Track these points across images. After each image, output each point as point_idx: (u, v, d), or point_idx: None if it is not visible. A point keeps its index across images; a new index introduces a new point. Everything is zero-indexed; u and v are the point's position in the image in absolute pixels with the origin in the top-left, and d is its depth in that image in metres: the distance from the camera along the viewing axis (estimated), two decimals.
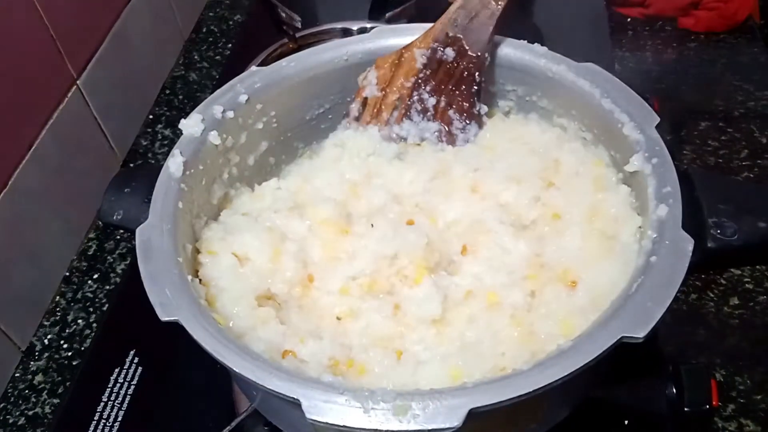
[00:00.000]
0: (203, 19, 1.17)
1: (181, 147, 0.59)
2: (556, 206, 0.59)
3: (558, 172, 0.62)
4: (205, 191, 0.61)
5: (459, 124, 0.67)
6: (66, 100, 0.80)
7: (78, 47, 0.82)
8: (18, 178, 0.71)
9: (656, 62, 1.01)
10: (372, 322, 0.54)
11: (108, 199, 0.61)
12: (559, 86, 0.63)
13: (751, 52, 1.00)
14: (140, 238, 0.52)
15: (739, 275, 0.73)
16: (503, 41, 0.66)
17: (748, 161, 0.85)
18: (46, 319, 0.78)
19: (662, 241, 0.48)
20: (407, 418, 0.41)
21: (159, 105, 1.02)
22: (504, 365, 0.50)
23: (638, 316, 0.44)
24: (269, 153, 0.68)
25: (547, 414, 0.54)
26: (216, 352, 0.45)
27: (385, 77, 0.67)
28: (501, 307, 0.53)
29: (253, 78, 0.64)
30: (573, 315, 0.51)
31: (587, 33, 1.02)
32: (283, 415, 0.56)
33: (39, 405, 0.70)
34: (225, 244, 0.58)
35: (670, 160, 0.53)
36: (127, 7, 0.93)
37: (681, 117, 0.91)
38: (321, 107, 0.70)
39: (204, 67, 1.08)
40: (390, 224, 0.58)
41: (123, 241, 0.85)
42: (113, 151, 0.91)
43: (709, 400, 0.59)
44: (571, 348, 0.44)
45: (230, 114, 0.62)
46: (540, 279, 0.54)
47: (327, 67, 0.68)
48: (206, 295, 0.55)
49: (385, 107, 0.68)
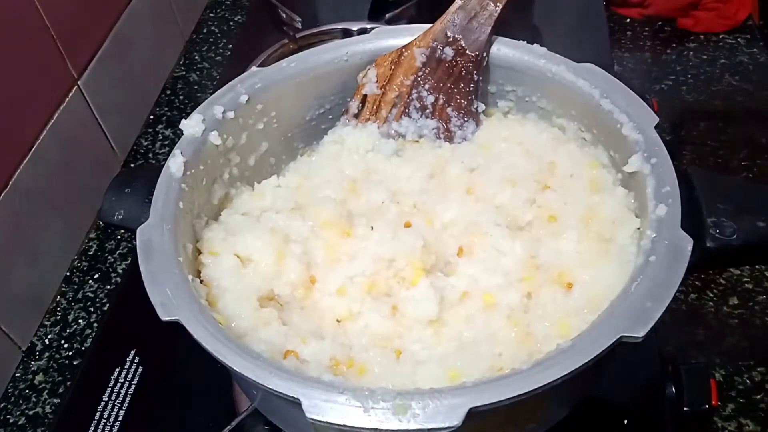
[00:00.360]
0: (204, 19, 1.17)
1: (181, 147, 0.59)
2: (552, 208, 0.59)
3: (553, 174, 0.62)
4: (206, 191, 0.61)
5: (457, 121, 0.67)
6: (67, 101, 0.80)
7: (79, 47, 0.82)
8: (19, 178, 0.72)
9: (655, 62, 1.01)
10: (371, 323, 0.54)
11: (109, 199, 0.61)
12: (558, 86, 0.63)
13: (750, 52, 1.00)
14: (141, 238, 0.52)
15: (738, 275, 0.74)
16: (503, 41, 0.66)
17: (747, 161, 0.85)
18: (47, 319, 0.78)
19: (661, 240, 0.48)
20: (407, 417, 0.41)
21: (160, 105, 1.02)
22: (501, 365, 0.50)
23: (637, 316, 0.44)
24: (270, 153, 0.68)
25: (547, 413, 0.54)
26: (216, 352, 0.46)
27: (385, 75, 0.68)
28: (497, 308, 0.54)
29: (254, 78, 0.64)
30: (569, 316, 0.51)
31: (586, 33, 1.02)
32: (284, 415, 0.56)
33: (39, 405, 0.71)
34: (226, 244, 0.58)
35: (669, 160, 0.53)
36: (127, 7, 0.93)
37: (680, 117, 0.92)
38: (321, 107, 0.70)
39: (204, 68, 1.08)
40: (389, 226, 0.58)
41: (123, 241, 0.85)
42: (114, 152, 0.91)
43: (708, 400, 0.59)
44: (571, 347, 0.44)
45: (231, 114, 0.62)
46: (536, 281, 0.54)
47: (327, 67, 0.68)
48: (208, 296, 0.55)
49: (384, 104, 0.68)
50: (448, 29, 0.66)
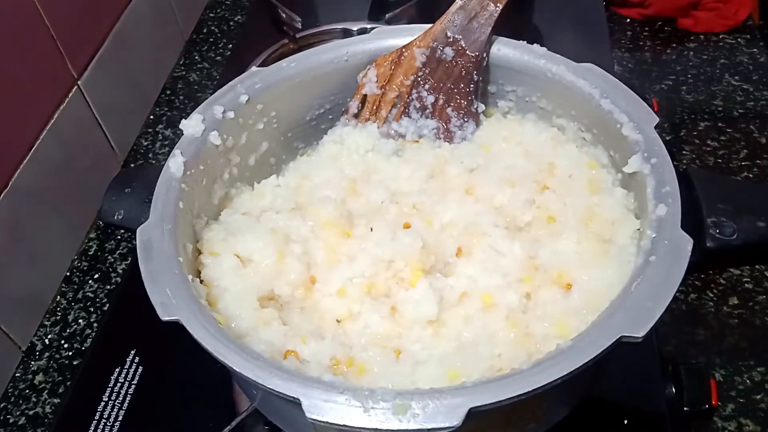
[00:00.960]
0: (204, 19, 1.17)
1: (181, 147, 0.59)
2: (551, 209, 0.59)
3: (553, 174, 0.62)
4: (206, 191, 0.61)
5: (456, 121, 0.67)
6: (67, 101, 0.80)
7: (79, 47, 0.82)
8: (19, 178, 0.72)
9: (655, 63, 1.01)
10: (370, 323, 0.54)
11: (109, 199, 0.61)
12: (558, 86, 0.63)
13: (750, 52, 1.00)
14: (141, 238, 0.52)
15: (738, 275, 0.74)
16: (503, 41, 0.66)
17: (747, 161, 0.85)
18: (47, 319, 0.78)
19: (661, 240, 0.48)
20: (407, 417, 0.41)
21: (160, 105, 1.02)
22: (501, 366, 0.50)
23: (637, 316, 0.44)
24: (270, 153, 0.68)
25: (547, 413, 0.54)
26: (216, 352, 0.46)
27: (385, 75, 0.68)
28: (496, 308, 0.54)
29: (254, 78, 0.64)
30: (568, 317, 0.51)
31: (586, 33, 1.02)
32: (284, 415, 0.56)
33: (39, 405, 0.71)
34: (226, 244, 0.58)
35: (669, 160, 0.53)
36: (127, 7, 0.93)
37: (680, 117, 0.92)
38: (321, 107, 0.70)
39: (204, 68, 1.08)
40: (388, 227, 0.58)
41: (124, 241, 0.85)
42: (114, 152, 0.91)
43: (708, 400, 0.60)
44: (571, 347, 0.44)
45: (231, 114, 0.62)
46: (535, 281, 0.54)
47: (327, 67, 0.68)
48: (208, 296, 0.55)
49: (384, 104, 0.68)
50: (448, 29, 0.66)
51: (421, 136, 0.68)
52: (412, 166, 0.64)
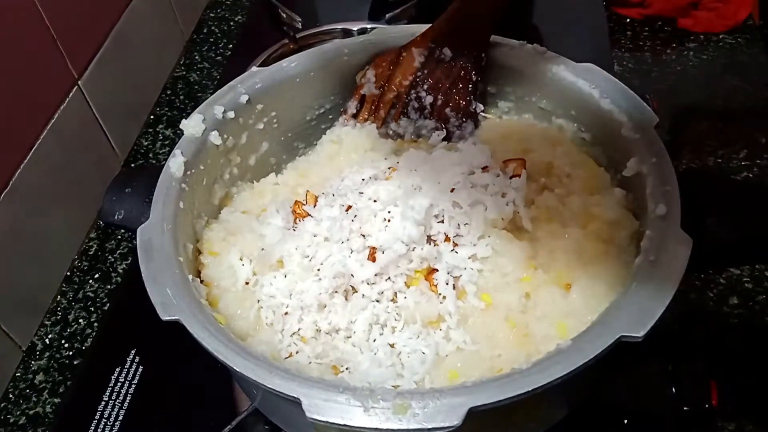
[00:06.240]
0: (204, 19, 1.17)
1: (182, 147, 0.59)
2: (550, 209, 0.59)
3: (552, 174, 0.62)
4: (206, 191, 0.61)
5: (455, 121, 0.67)
6: (67, 101, 0.80)
7: (79, 47, 0.82)
8: (19, 177, 0.71)
9: (655, 62, 1.01)
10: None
11: (109, 199, 0.61)
12: (558, 87, 0.63)
13: (750, 52, 1.00)
14: (141, 238, 0.52)
15: (738, 275, 0.73)
16: (503, 42, 0.66)
17: (747, 161, 0.85)
18: (47, 319, 0.78)
19: (661, 240, 0.48)
20: (407, 417, 0.41)
21: (160, 105, 1.02)
22: (500, 366, 0.50)
23: (637, 316, 0.44)
24: (270, 153, 0.68)
25: (547, 413, 0.54)
26: (217, 352, 0.46)
27: (383, 75, 0.68)
28: (496, 308, 0.54)
29: (254, 78, 0.64)
30: (568, 317, 0.51)
31: (586, 33, 1.02)
32: (284, 414, 0.56)
33: (40, 404, 0.71)
34: (226, 244, 0.58)
35: (669, 159, 0.53)
36: (128, 7, 0.93)
37: (680, 117, 0.92)
38: (321, 107, 0.70)
39: (205, 68, 1.08)
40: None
41: (124, 241, 0.85)
42: (114, 151, 0.91)
43: (708, 400, 0.59)
44: (571, 347, 0.44)
45: (231, 114, 0.62)
46: (534, 281, 0.54)
47: (327, 68, 0.68)
48: (208, 296, 0.55)
49: (382, 105, 0.68)
50: (448, 29, 0.66)
51: (419, 136, 0.68)
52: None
